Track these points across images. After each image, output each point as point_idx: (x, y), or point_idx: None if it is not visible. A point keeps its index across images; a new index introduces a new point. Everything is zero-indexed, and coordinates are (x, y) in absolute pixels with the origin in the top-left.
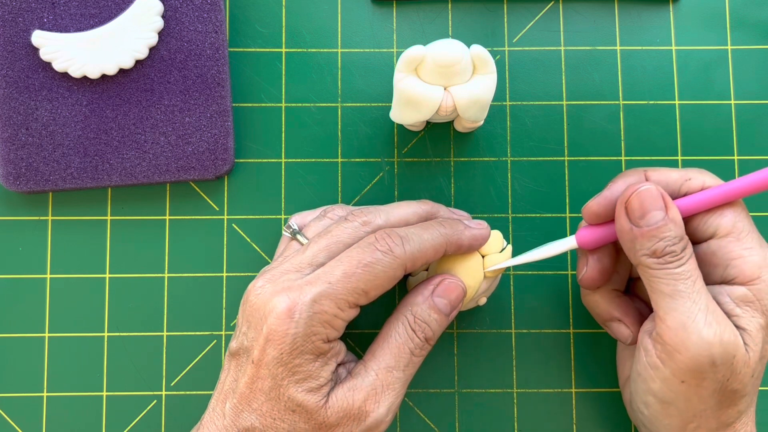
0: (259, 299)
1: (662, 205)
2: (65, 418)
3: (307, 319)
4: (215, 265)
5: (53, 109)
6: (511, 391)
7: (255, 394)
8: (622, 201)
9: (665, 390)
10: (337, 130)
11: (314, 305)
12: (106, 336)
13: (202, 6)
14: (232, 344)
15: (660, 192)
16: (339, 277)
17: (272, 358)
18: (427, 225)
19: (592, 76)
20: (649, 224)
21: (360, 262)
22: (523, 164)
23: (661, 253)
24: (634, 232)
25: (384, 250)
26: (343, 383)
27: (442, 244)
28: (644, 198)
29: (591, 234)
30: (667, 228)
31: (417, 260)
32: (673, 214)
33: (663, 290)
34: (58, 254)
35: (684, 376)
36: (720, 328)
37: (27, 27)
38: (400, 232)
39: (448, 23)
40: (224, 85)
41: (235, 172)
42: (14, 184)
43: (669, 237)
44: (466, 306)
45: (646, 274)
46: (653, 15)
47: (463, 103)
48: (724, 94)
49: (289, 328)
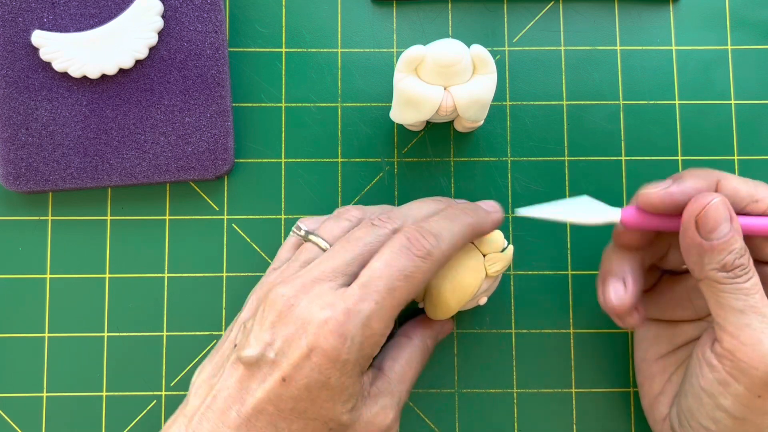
0: (296, 311)
1: (728, 217)
2: (65, 418)
3: (359, 344)
4: (215, 265)
5: (53, 109)
6: (511, 391)
7: (282, 414)
8: (692, 213)
9: (738, 406)
10: (337, 130)
11: (365, 329)
12: (106, 336)
13: (202, 6)
14: (247, 352)
15: (726, 203)
16: (384, 294)
17: (315, 381)
18: (453, 216)
19: (592, 76)
20: (719, 238)
21: (401, 273)
22: (523, 164)
23: (731, 266)
24: (704, 246)
25: (422, 255)
26: (375, 399)
27: (468, 235)
28: (717, 210)
29: (639, 218)
30: (734, 240)
31: (449, 258)
32: (737, 226)
33: (733, 305)
34: (58, 254)
35: (761, 391)
36: None
37: (27, 27)
38: (432, 229)
39: (448, 23)
40: (224, 85)
41: (235, 172)
42: (14, 184)
43: (737, 250)
44: (466, 306)
45: (713, 289)
46: (653, 15)
47: (463, 103)
48: (724, 94)
49: (341, 354)
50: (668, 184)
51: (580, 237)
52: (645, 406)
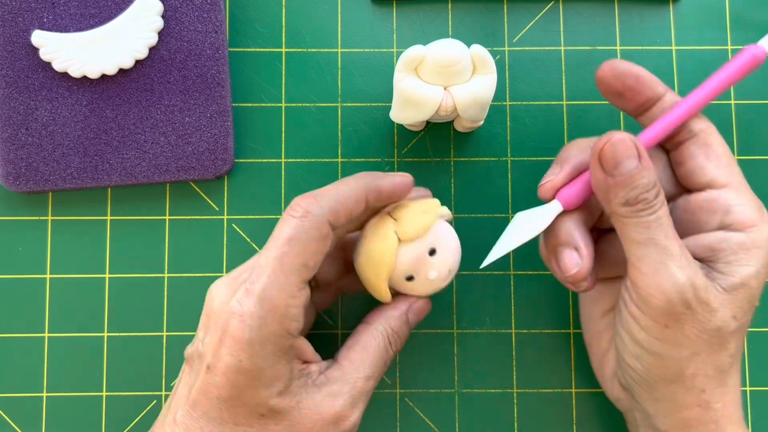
0: (213, 303)
1: (635, 153)
2: (65, 418)
3: (260, 321)
4: (215, 265)
5: (53, 109)
6: (511, 391)
7: (212, 402)
8: (595, 151)
9: (650, 339)
10: (337, 130)
11: (263, 303)
12: (106, 336)
13: (202, 6)
14: (188, 348)
15: (633, 140)
16: (273, 265)
17: (229, 365)
18: (344, 179)
19: (592, 76)
20: (623, 173)
21: (284, 239)
22: (523, 164)
23: (634, 201)
24: (608, 182)
25: (300, 215)
26: (321, 387)
27: (361, 192)
28: (617, 147)
29: (575, 196)
30: (640, 176)
31: (339, 213)
32: (646, 162)
33: (636, 238)
34: (58, 254)
35: (665, 320)
36: (691, 271)
37: (27, 27)
38: (314, 192)
39: (448, 23)
40: (224, 85)
41: (235, 172)
42: (14, 184)
43: (642, 185)
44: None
45: (619, 223)
46: (653, 15)
47: (463, 103)
48: (724, 94)
49: (243, 334)
50: (556, 171)
51: None
52: (594, 366)
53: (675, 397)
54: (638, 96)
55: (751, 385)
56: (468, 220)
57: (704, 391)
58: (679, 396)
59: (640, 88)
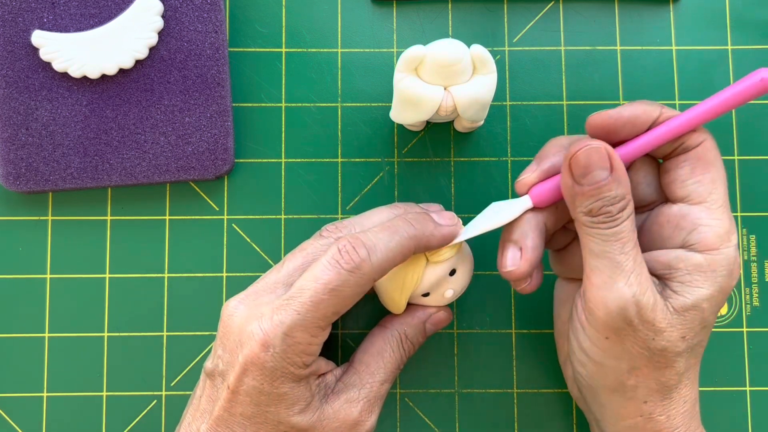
0: (233, 322)
1: (607, 165)
2: (65, 418)
3: (281, 353)
4: (215, 265)
5: (53, 109)
6: (511, 391)
7: (235, 418)
8: (567, 156)
9: (594, 348)
10: (337, 130)
11: (286, 338)
12: (106, 336)
13: (202, 6)
14: (207, 364)
15: (607, 150)
16: (308, 306)
17: (252, 387)
18: (394, 226)
19: (592, 76)
20: (590, 183)
21: (326, 286)
22: (523, 164)
23: (596, 212)
24: (575, 189)
25: (350, 269)
26: (339, 394)
27: (410, 248)
28: (590, 155)
29: (546, 195)
30: (608, 188)
31: (385, 271)
32: (618, 175)
33: (592, 248)
34: (58, 254)
35: (606, 332)
36: (640, 288)
37: (27, 27)
38: (366, 240)
39: (448, 23)
40: (224, 85)
41: (235, 172)
42: (14, 184)
43: (608, 198)
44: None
45: (580, 230)
46: (653, 15)
47: (463, 103)
48: None
49: (265, 362)
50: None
51: None
52: (561, 364)
53: (617, 406)
54: (637, 128)
55: (751, 385)
56: (468, 221)
57: (646, 402)
58: (620, 405)
59: (634, 122)
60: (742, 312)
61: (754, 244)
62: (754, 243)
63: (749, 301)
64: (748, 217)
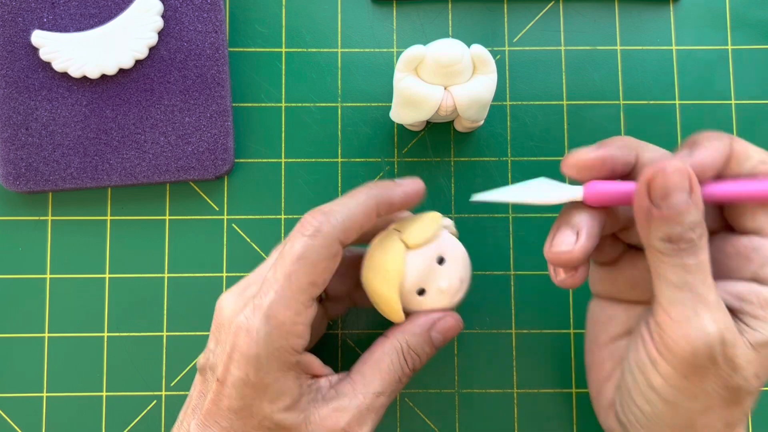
0: (223, 315)
1: (687, 186)
2: (65, 418)
3: (266, 336)
4: (215, 265)
5: (53, 109)
6: (511, 391)
7: (222, 412)
8: (646, 176)
9: (667, 387)
10: (337, 130)
11: (269, 320)
12: (106, 336)
13: (202, 6)
14: (200, 359)
15: (688, 172)
16: (282, 282)
17: (238, 378)
18: (353, 192)
19: (592, 76)
20: (669, 207)
21: (293, 257)
22: (523, 164)
23: (677, 239)
24: (653, 213)
25: (310, 234)
26: (329, 402)
27: (372, 206)
28: (671, 178)
29: (603, 190)
30: (688, 212)
31: (350, 230)
32: (697, 199)
33: (670, 279)
34: (58, 254)
35: (686, 371)
36: (725, 324)
37: (27, 27)
38: (324, 208)
39: (448, 23)
40: (224, 85)
41: (235, 172)
42: (14, 184)
43: (689, 222)
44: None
45: (655, 258)
46: (653, 15)
47: (463, 103)
48: (724, 94)
49: (250, 349)
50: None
51: None
52: (592, 392)
53: None
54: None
55: None
56: (468, 220)
57: None
58: None
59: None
60: None
61: None
62: None
63: None
64: None
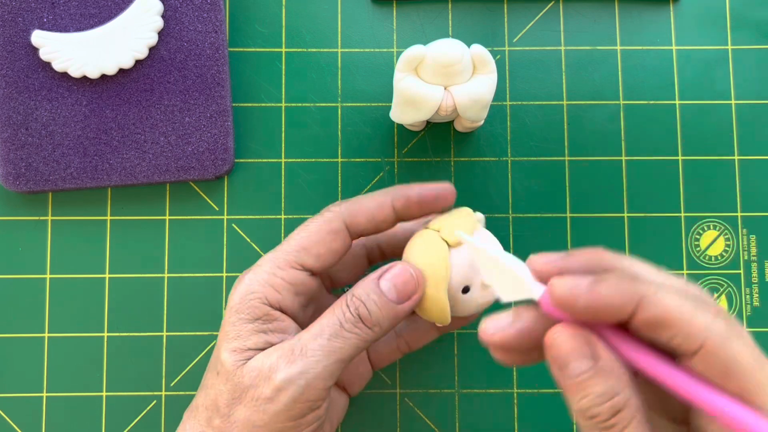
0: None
1: (587, 353)
2: (65, 418)
3: (248, 282)
4: (215, 265)
5: (53, 109)
6: (511, 391)
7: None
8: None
9: None
10: (337, 130)
11: (257, 269)
12: (106, 336)
13: (202, 6)
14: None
15: (586, 336)
16: (282, 245)
17: (221, 329)
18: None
19: (592, 76)
20: (571, 376)
21: (300, 228)
22: (523, 164)
23: (587, 414)
24: (559, 382)
25: (322, 213)
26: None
27: (385, 198)
28: (565, 340)
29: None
30: (593, 382)
31: (357, 214)
32: (605, 363)
33: None
34: (58, 254)
35: None
36: None
37: (27, 27)
38: (343, 201)
39: (448, 23)
40: (224, 85)
41: (235, 172)
42: (14, 184)
43: (594, 394)
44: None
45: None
46: (653, 15)
47: (463, 102)
48: (724, 94)
49: (234, 294)
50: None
51: (582, 237)
52: None
53: None
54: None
55: None
56: None
57: None
58: None
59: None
60: (743, 312)
61: (754, 244)
62: (754, 243)
63: (749, 301)
64: (748, 217)
